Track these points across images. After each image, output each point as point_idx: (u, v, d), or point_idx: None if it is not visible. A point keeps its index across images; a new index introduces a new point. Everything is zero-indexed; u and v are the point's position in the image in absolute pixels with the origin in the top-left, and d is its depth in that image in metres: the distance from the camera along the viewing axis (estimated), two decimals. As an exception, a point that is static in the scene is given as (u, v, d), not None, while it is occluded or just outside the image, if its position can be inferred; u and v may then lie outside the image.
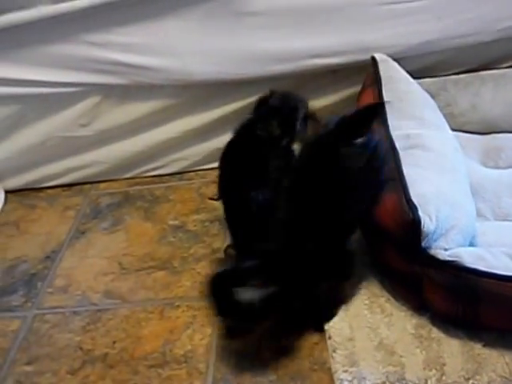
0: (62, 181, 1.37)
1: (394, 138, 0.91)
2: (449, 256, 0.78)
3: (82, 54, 1.11)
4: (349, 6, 1.05)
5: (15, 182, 1.37)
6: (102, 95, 1.20)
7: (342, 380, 0.84)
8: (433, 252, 0.79)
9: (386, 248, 0.87)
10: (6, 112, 1.23)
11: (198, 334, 0.97)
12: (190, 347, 0.95)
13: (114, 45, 1.09)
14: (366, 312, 0.92)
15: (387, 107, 0.97)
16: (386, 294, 0.94)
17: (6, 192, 1.37)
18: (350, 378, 0.84)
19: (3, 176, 1.35)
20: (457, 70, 1.14)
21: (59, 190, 1.38)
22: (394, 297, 0.93)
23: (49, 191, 1.38)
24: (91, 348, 0.98)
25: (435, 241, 0.79)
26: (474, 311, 0.81)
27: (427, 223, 0.77)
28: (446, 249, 0.79)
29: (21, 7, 1.03)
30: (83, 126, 1.25)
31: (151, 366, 0.93)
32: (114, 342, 0.98)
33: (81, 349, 0.98)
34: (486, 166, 1.05)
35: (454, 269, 0.78)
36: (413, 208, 0.77)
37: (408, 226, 0.78)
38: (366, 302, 0.94)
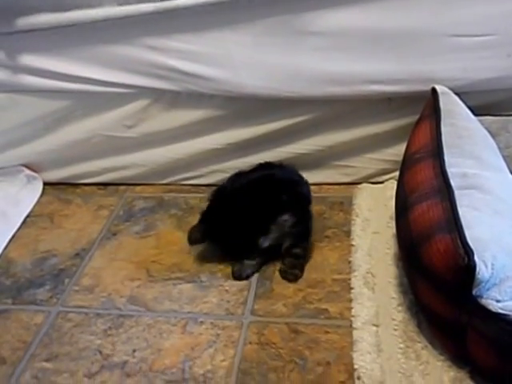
0: (99, 179, 1.36)
1: (449, 175, 0.87)
2: (501, 309, 0.73)
3: (140, 57, 1.11)
4: (413, 34, 1.02)
5: (54, 175, 1.37)
6: (151, 99, 1.20)
7: (367, 425, 0.79)
8: (484, 302, 0.74)
9: (430, 291, 0.82)
10: (56, 106, 1.24)
11: (220, 354, 0.93)
12: (210, 367, 0.91)
13: (172, 51, 1.09)
14: (399, 356, 0.87)
15: (444, 142, 0.93)
16: (423, 339, 0.88)
17: (44, 184, 1.38)
18: (376, 425, 0.79)
19: (43, 168, 1.36)
20: (521, 111, 1.09)
21: (95, 188, 1.37)
22: (432, 344, 0.87)
23: (85, 188, 1.38)
24: (111, 353, 0.95)
25: (488, 290, 0.74)
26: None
27: (482, 270, 0.72)
28: (498, 300, 0.73)
29: (88, 6, 1.04)
30: (129, 127, 1.24)
31: (169, 382, 0.90)
32: (134, 351, 0.96)
33: (100, 353, 0.96)
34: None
35: (506, 323, 0.72)
36: (468, 252, 0.72)
37: (461, 270, 0.73)
38: (401, 345, 0.88)
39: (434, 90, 1.04)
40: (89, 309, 1.05)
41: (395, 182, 1.02)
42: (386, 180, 1.23)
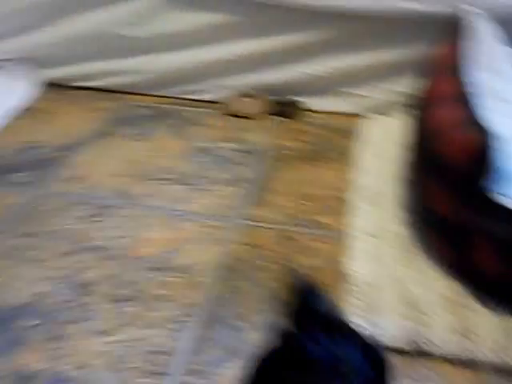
0: (98, 83, 1.30)
1: (472, 85, 0.82)
2: (512, 205, 0.69)
3: None
4: None
5: (53, 73, 1.30)
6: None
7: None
8: (495, 196, 0.69)
9: (438, 189, 0.78)
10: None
11: (206, 250, 0.89)
12: (194, 260, 0.87)
13: None
14: (394, 264, 0.83)
15: (469, 57, 0.88)
16: (419, 250, 0.84)
17: (41, 81, 1.30)
18: (365, 325, 0.74)
19: (43, 64, 1.29)
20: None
21: (93, 92, 1.31)
22: (429, 254, 0.83)
23: (82, 91, 1.31)
24: (92, 237, 0.90)
25: (500, 184, 0.69)
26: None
27: (499, 157, 0.67)
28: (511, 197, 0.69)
29: None
30: (135, 25, 1.18)
31: (150, 268, 0.85)
32: (117, 238, 0.90)
33: (79, 236, 0.91)
34: None
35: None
36: (487, 139, 0.68)
37: (478, 155, 0.68)
38: (397, 254, 0.84)
39: (461, 11, 0.99)
40: (71, 195, 1.00)
41: (406, 116, 0.98)
42: (397, 113, 1.17)
